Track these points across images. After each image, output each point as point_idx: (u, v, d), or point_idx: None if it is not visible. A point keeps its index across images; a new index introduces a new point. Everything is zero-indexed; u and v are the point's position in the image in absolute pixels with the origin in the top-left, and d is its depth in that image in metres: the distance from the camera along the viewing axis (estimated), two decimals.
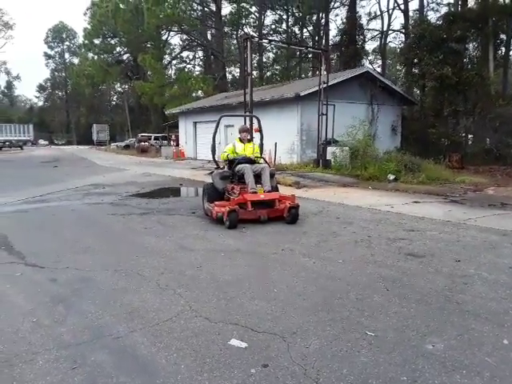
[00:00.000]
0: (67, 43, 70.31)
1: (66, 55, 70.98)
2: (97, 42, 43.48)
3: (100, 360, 2.62)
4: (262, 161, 7.33)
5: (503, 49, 22.06)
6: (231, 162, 7.14)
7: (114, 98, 68.64)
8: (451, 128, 18.38)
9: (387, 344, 2.78)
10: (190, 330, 2.99)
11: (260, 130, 7.79)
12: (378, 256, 4.77)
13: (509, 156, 15.84)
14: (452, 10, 23.72)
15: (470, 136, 19.37)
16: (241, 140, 7.42)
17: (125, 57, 46.79)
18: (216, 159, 7.52)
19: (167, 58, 45.63)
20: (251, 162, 7.02)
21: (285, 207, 6.39)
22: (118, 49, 45.82)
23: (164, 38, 42.98)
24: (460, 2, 24.27)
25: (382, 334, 2.91)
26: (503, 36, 21.39)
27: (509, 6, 21.45)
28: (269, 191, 6.63)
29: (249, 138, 7.73)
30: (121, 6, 36.07)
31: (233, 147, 7.36)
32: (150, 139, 35.82)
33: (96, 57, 43.13)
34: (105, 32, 41.93)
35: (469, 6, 23.08)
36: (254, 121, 8.31)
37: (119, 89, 62.05)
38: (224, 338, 2.85)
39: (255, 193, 6.50)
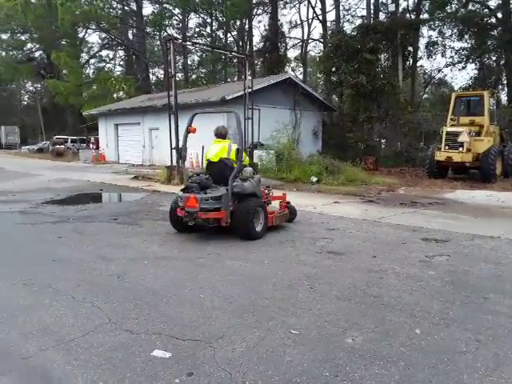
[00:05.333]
0: None
1: None
2: (4, 37, 39.82)
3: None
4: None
5: (411, 60, 24.18)
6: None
7: (26, 98, 63.14)
8: (366, 133, 19.66)
9: (310, 341, 2.85)
10: (109, 344, 2.81)
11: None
12: (302, 255, 4.92)
13: (417, 158, 17.34)
14: (365, 22, 25.42)
15: (383, 140, 20.90)
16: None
17: (37, 54, 43.33)
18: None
19: (85, 56, 43.08)
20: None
21: None
22: (30, 45, 42.28)
23: (81, 35, 40.57)
24: (372, 15, 26.18)
25: (305, 332, 2.98)
26: (410, 48, 23.45)
27: (414, 21, 23.61)
28: None
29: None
30: (32, 0, 33.38)
31: None
32: (66, 142, 33.53)
33: (4, 53, 39.45)
34: (14, 27, 38.43)
35: (380, 19, 25.00)
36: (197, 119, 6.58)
37: (31, 88, 57.28)
38: (147, 350, 2.72)
39: None
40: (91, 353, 2.69)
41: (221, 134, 6.22)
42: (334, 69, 21.21)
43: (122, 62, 46.35)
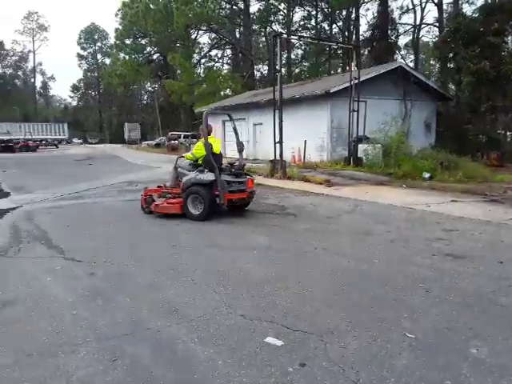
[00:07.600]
0: (99, 44, 72.21)
1: (98, 56, 72.95)
2: (128, 42, 44.44)
3: (139, 353, 2.66)
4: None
5: None
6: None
7: (145, 98, 70.09)
8: (489, 124, 17.66)
9: (429, 347, 2.69)
10: (225, 326, 2.99)
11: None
12: (416, 256, 4.63)
13: None
14: (489, 1, 22.73)
15: (509, 133, 18.55)
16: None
17: (155, 56, 47.66)
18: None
19: (196, 56, 46.09)
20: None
21: None
22: (149, 49, 46.69)
23: (193, 37, 43.41)
24: None
25: (422, 337, 2.82)
26: None
27: None
28: None
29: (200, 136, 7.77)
30: (151, 6, 36.73)
31: None
32: (179, 137, 36.32)
33: (127, 57, 44.08)
34: (135, 32, 42.77)
35: None
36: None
37: (149, 88, 63.27)
38: (260, 336, 2.84)
39: None
40: (210, 333, 2.89)
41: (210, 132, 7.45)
42: (451, 55, 19.43)
43: (229, 61, 48.54)
